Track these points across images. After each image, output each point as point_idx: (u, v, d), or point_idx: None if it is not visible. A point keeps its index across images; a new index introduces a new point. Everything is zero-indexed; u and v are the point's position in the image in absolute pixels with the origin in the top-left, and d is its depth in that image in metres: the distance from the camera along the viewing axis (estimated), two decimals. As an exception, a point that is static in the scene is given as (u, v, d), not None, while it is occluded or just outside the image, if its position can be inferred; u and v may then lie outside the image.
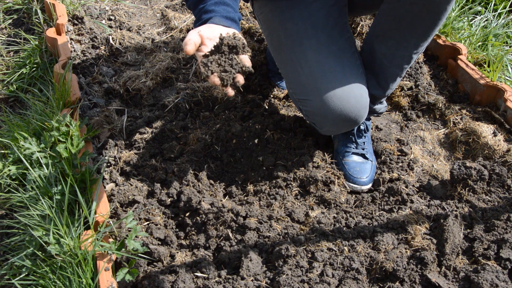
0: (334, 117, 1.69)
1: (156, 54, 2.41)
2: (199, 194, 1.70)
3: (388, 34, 1.72)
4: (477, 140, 2.03)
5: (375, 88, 1.85)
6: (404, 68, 1.80)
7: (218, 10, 1.46)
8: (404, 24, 1.65)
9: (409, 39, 1.69)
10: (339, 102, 1.66)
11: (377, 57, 1.79)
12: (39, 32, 2.55)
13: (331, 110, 1.68)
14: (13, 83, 2.32)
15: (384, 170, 1.92)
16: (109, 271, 1.40)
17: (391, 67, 1.79)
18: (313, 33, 1.72)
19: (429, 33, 1.67)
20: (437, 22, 1.62)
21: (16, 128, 1.84)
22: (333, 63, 1.70)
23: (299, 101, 1.77)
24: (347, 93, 1.67)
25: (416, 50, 1.73)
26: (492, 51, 2.50)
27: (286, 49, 1.76)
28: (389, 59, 1.77)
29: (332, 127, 1.76)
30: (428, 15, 1.60)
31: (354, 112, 1.69)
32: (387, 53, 1.76)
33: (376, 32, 1.77)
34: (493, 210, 1.70)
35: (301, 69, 1.72)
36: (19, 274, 1.42)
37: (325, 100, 1.67)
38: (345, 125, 1.74)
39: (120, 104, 2.12)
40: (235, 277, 1.46)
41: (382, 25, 1.73)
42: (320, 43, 1.71)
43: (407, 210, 1.71)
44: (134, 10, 2.84)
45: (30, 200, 1.54)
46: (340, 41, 1.75)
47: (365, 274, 1.49)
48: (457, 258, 1.56)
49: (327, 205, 1.75)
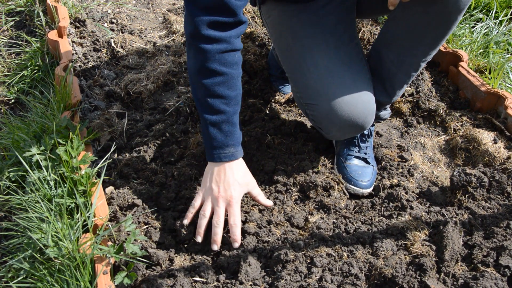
0: (341, 122, 1.69)
1: (158, 58, 2.41)
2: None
3: (398, 42, 1.72)
4: (477, 147, 2.03)
5: (382, 94, 1.85)
6: (412, 75, 1.80)
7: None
8: (415, 33, 1.66)
9: (419, 47, 1.70)
10: (346, 107, 1.66)
11: (385, 64, 1.80)
12: (41, 34, 2.55)
13: (339, 116, 1.68)
14: (14, 85, 2.32)
15: (384, 176, 1.92)
16: (107, 274, 1.39)
17: (398, 74, 1.79)
18: (322, 38, 1.73)
19: (438, 42, 1.67)
20: (447, 32, 1.64)
21: (16, 130, 1.84)
22: (341, 68, 1.70)
23: (306, 105, 1.77)
24: (355, 99, 1.67)
25: (425, 58, 1.74)
26: (493, 58, 2.50)
27: (294, 54, 1.76)
28: (397, 66, 1.77)
29: (339, 132, 1.76)
30: (439, 25, 1.61)
31: (361, 118, 1.69)
32: (395, 60, 1.76)
33: (386, 39, 1.77)
34: (493, 217, 1.70)
35: (309, 74, 1.71)
36: (17, 277, 1.42)
37: (333, 105, 1.67)
38: (351, 130, 1.74)
39: (121, 107, 2.13)
40: (234, 282, 1.45)
41: (392, 32, 1.74)
42: (329, 49, 1.72)
43: (406, 216, 1.71)
44: (136, 13, 2.85)
45: (29, 202, 1.54)
46: (349, 46, 1.76)
47: (364, 280, 1.49)
48: (456, 265, 1.55)
49: (326, 211, 1.75)
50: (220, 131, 1.55)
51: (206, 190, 1.58)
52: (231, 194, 1.55)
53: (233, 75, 1.53)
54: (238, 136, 1.59)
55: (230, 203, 1.55)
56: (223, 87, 1.51)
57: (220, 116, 1.53)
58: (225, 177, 1.56)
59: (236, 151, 1.58)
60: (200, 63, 1.49)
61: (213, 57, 1.47)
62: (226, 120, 1.54)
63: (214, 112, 1.53)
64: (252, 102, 2.17)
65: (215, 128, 1.54)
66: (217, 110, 1.53)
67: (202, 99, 1.53)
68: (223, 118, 1.54)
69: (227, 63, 1.50)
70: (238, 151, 1.60)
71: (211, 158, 1.58)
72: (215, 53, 1.47)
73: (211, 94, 1.52)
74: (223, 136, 1.55)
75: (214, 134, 1.54)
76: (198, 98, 1.54)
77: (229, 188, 1.55)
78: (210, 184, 1.57)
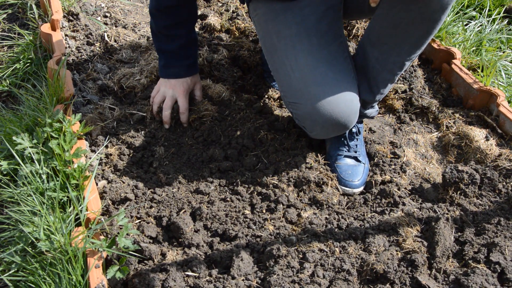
0: (324, 121, 1.69)
1: (151, 52, 2.40)
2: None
3: (382, 39, 1.72)
4: (469, 144, 2.04)
5: (366, 93, 1.86)
6: (396, 74, 1.80)
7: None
8: (399, 30, 1.66)
9: (403, 45, 1.70)
10: (329, 106, 1.67)
11: (370, 61, 1.80)
12: (33, 27, 2.53)
13: (321, 114, 1.68)
14: (6, 78, 2.30)
15: (376, 172, 1.93)
16: (99, 268, 1.39)
17: (383, 72, 1.80)
18: (305, 37, 1.72)
19: (423, 41, 1.68)
20: (431, 31, 1.64)
21: (9, 123, 1.83)
22: (324, 67, 1.70)
23: (290, 104, 1.77)
24: (337, 98, 1.67)
25: (409, 57, 1.74)
26: (486, 56, 2.51)
27: (278, 52, 1.76)
28: (382, 64, 1.77)
29: (322, 131, 1.76)
30: (423, 23, 1.61)
31: (343, 117, 1.69)
32: (380, 57, 1.76)
33: (370, 36, 1.78)
34: (484, 214, 1.71)
35: (292, 73, 1.72)
36: (8, 270, 1.41)
37: (315, 104, 1.67)
38: (334, 129, 1.74)
39: (114, 102, 2.11)
40: (226, 277, 1.45)
41: (376, 29, 1.74)
42: (312, 47, 1.72)
43: (399, 213, 1.72)
44: (130, 7, 2.83)
45: (21, 195, 1.53)
46: (333, 45, 1.75)
47: (356, 276, 1.49)
48: (447, 261, 1.56)
49: (319, 206, 1.76)
50: (163, 55, 1.99)
51: (159, 83, 2.03)
52: (179, 86, 1.98)
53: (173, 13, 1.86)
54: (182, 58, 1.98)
55: (180, 94, 1.98)
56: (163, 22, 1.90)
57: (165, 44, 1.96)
58: (176, 78, 1.99)
59: (181, 71, 1.99)
60: (150, 6, 1.89)
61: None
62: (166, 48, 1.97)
63: (158, 40, 1.97)
64: (246, 97, 2.17)
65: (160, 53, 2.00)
66: (161, 39, 1.95)
67: (153, 32, 1.96)
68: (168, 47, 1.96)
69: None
70: (183, 71, 2.00)
71: (162, 75, 2.02)
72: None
73: (156, 28, 1.93)
74: (166, 58, 1.98)
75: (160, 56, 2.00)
76: (153, 31, 1.96)
77: (178, 82, 1.98)
78: (163, 81, 2.01)
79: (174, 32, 1.91)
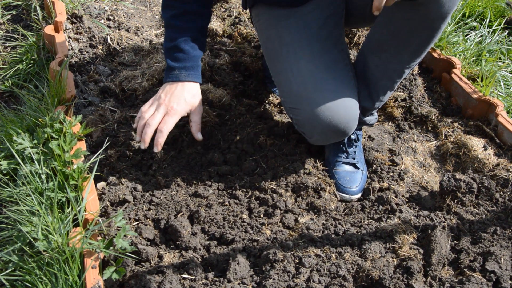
0: (323, 127, 1.70)
1: (153, 56, 2.42)
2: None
3: (382, 47, 1.74)
4: (467, 153, 2.05)
5: (366, 100, 1.87)
6: (396, 81, 1.82)
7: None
8: (399, 38, 1.67)
9: (403, 53, 1.71)
10: (328, 112, 1.68)
11: (369, 68, 1.81)
12: (37, 29, 2.55)
13: (320, 120, 1.69)
14: (8, 79, 2.32)
15: (374, 179, 1.93)
16: (96, 269, 1.40)
17: (382, 79, 1.81)
18: (307, 43, 1.74)
19: (422, 49, 1.69)
20: (431, 39, 1.65)
21: (10, 123, 1.84)
22: (324, 73, 1.71)
23: (290, 110, 1.78)
24: (336, 104, 1.68)
25: (409, 65, 1.75)
26: (485, 66, 2.53)
27: (280, 58, 1.78)
28: (382, 71, 1.79)
29: (321, 137, 1.77)
30: (423, 31, 1.62)
31: (343, 124, 1.70)
32: (379, 64, 1.78)
33: (371, 44, 1.79)
34: (481, 223, 1.72)
35: (293, 78, 1.73)
36: (5, 269, 1.42)
37: (315, 110, 1.68)
38: (333, 135, 1.75)
39: (115, 104, 2.13)
40: (222, 280, 1.46)
41: (377, 37, 1.75)
42: (313, 53, 1.73)
43: (395, 220, 1.72)
44: (133, 11, 2.86)
45: (20, 195, 1.54)
46: (333, 52, 1.77)
47: (352, 282, 1.50)
48: (443, 269, 1.57)
49: (316, 212, 1.76)
50: (172, 56, 1.78)
51: (154, 97, 1.77)
52: (173, 105, 1.72)
53: (187, 10, 1.76)
54: (192, 61, 1.77)
55: (169, 112, 1.72)
56: (175, 19, 1.76)
57: (172, 43, 1.76)
58: (175, 90, 1.75)
59: (188, 74, 1.76)
60: (163, 1, 1.80)
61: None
62: (176, 46, 1.76)
63: (168, 40, 1.79)
64: (246, 102, 2.18)
65: (168, 52, 1.79)
66: (170, 39, 1.78)
67: (165, 29, 1.83)
68: (174, 45, 1.76)
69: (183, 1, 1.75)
70: (191, 74, 1.77)
71: (165, 79, 1.79)
72: None
73: (167, 25, 1.80)
74: (175, 60, 1.77)
75: (167, 57, 1.79)
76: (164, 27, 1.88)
77: (174, 100, 1.73)
78: (160, 94, 1.76)
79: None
